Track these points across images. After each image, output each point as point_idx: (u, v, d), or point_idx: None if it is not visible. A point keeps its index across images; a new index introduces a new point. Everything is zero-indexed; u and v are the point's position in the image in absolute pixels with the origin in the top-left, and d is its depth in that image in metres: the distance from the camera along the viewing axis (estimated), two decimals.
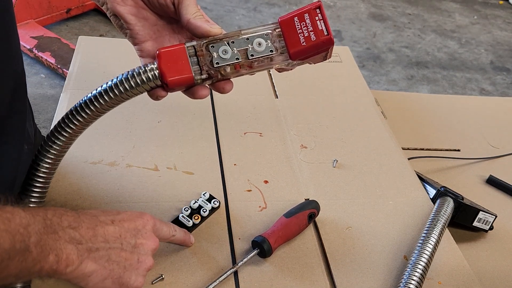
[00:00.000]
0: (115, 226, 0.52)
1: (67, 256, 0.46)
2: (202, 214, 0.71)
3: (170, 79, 0.51)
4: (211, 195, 0.74)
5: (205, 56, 0.52)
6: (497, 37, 2.45)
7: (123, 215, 0.55)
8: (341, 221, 0.76)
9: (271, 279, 0.65)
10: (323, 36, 0.50)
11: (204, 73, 0.52)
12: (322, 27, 0.50)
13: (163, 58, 0.51)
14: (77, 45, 1.08)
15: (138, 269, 0.54)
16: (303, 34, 0.51)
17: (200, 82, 0.52)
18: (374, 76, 1.95)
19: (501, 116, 1.25)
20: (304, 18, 0.51)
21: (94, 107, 0.53)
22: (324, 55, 0.54)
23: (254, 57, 0.52)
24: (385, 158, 0.90)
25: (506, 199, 1.00)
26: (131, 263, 0.53)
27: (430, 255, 0.69)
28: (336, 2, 2.59)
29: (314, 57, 0.53)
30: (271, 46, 0.52)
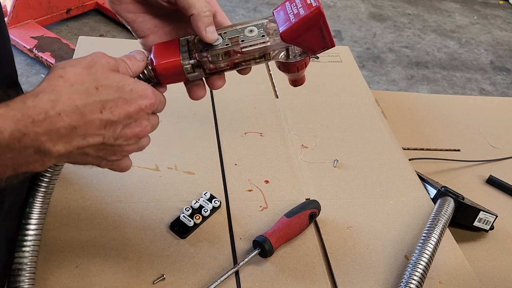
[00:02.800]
0: (101, 120, 0.46)
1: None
2: (203, 214, 0.71)
3: (158, 64, 0.51)
4: (212, 195, 0.74)
5: (196, 45, 0.52)
6: (497, 37, 2.45)
7: (117, 97, 0.47)
8: (342, 220, 0.76)
9: (272, 278, 0.65)
10: (311, 7, 0.48)
11: (193, 60, 0.51)
12: (311, 1, 0.48)
13: (156, 50, 0.52)
14: (77, 45, 1.08)
15: (115, 156, 0.50)
16: (293, 12, 0.49)
17: (191, 70, 0.51)
18: (374, 76, 1.95)
19: (501, 116, 1.25)
20: (295, 0, 0.50)
21: None
22: (320, 36, 0.50)
23: (244, 42, 0.51)
24: (385, 158, 0.90)
25: (506, 199, 1.00)
26: (106, 152, 0.49)
27: (431, 254, 0.69)
28: (336, 2, 2.59)
29: (308, 38, 0.50)
30: (263, 32, 0.51)
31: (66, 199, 0.71)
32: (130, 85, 0.48)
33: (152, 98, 0.49)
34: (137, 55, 0.52)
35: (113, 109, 0.46)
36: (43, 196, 0.59)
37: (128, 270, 0.63)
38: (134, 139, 0.50)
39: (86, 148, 0.46)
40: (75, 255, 0.64)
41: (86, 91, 0.45)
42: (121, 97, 0.47)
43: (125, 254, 0.65)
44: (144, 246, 0.67)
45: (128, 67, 0.51)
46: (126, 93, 0.47)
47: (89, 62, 0.48)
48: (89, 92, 0.45)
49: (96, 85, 0.46)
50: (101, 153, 0.49)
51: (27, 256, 0.58)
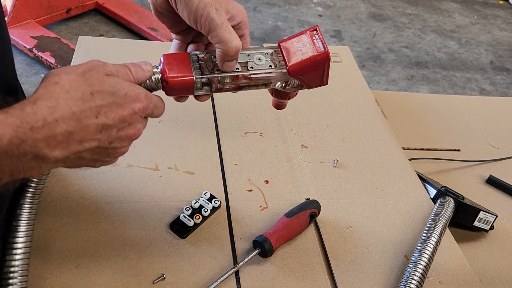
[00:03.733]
0: (98, 124, 0.48)
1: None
2: (203, 214, 0.71)
3: (171, 77, 0.52)
4: (212, 195, 0.74)
5: (207, 63, 0.53)
6: (497, 37, 2.45)
7: (111, 102, 0.48)
8: (342, 220, 0.76)
9: (272, 278, 0.65)
10: (320, 51, 0.53)
11: (204, 78, 0.53)
12: (319, 44, 0.54)
13: (167, 60, 0.53)
14: (77, 45, 1.08)
15: (108, 157, 0.51)
16: (301, 50, 0.54)
17: (200, 87, 0.53)
18: (374, 76, 1.95)
19: (501, 116, 1.25)
20: (302, 38, 0.54)
21: None
22: (321, 75, 0.56)
23: (253, 69, 0.54)
24: (385, 157, 0.90)
25: (506, 199, 1.00)
26: (101, 154, 0.50)
27: (431, 254, 0.69)
28: (336, 2, 2.59)
29: (311, 75, 0.56)
30: (270, 62, 0.55)
31: (66, 199, 0.71)
32: (124, 89, 0.49)
33: (145, 101, 0.50)
34: (144, 65, 0.53)
35: (108, 113, 0.47)
36: (32, 196, 0.59)
37: (128, 270, 0.63)
38: (128, 141, 0.52)
39: (82, 153, 0.47)
40: (75, 254, 0.64)
41: (81, 97, 0.46)
42: (115, 102, 0.48)
43: (125, 254, 0.65)
44: (144, 246, 0.67)
45: (131, 73, 0.52)
46: (120, 97, 0.48)
47: (84, 69, 0.49)
48: (84, 98, 0.46)
49: (91, 91, 0.47)
50: (96, 156, 0.50)
51: (18, 259, 0.58)
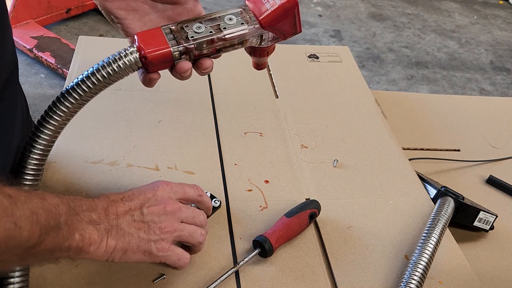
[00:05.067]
0: (124, 202, 0.55)
1: (89, 236, 0.49)
2: None
3: (149, 52, 0.52)
4: (212, 195, 0.74)
5: (180, 33, 0.54)
6: (497, 37, 2.45)
7: (133, 190, 0.58)
8: (342, 220, 0.76)
9: (272, 278, 0.65)
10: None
11: (181, 47, 0.53)
12: None
13: (140, 37, 0.53)
14: (77, 45, 1.08)
15: (156, 234, 0.56)
16: (269, 2, 0.55)
17: (178, 56, 0.53)
18: (374, 76, 1.95)
19: (501, 116, 1.25)
20: None
21: (78, 95, 0.53)
22: (293, 22, 0.56)
23: (227, 30, 0.55)
24: (385, 157, 0.90)
25: (506, 199, 1.00)
26: (144, 230, 0.55)
27: (431, 254, 0.69)
28: (336, 2, 2.59)
29: (283, 24, 0.56)
30: (242, 20, 0.56)
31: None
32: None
33: None
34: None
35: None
36: None
37: (128, 270, 0.63)
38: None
39: None
40: None
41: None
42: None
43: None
44: None
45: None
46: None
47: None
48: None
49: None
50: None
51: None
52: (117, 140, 0.83)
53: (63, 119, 0.54)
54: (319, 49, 1.20)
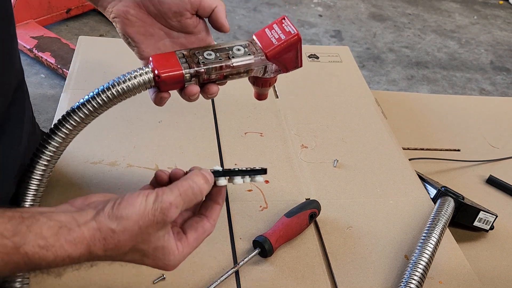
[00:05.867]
0: (106, 252, 0.50)
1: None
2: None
3: (162, 72, 0.56)
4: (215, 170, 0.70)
5: (192, 58, 0.58)
6: (497, 37, 2.45)
7: (125, 235, 0.49)
8: (342, 220, 0.76)
9: (272, 278, 0.65)
10: (291, 34, 0.59)
11: (192, 70, 0.57)
12: (289, 29, 0.60)
13: (155, 59, 0.57)
14: (77, 45, 1.08)
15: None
16: (274, 37, 0.60)
17: (189, 78, 0.57)
18: (374, 76, 1.95)
19: (501, 116, 1.25)
20: (273, 27, 0.61)
21: (92, 108, 0.57)
22: (295, 57, 0.62)
23: (235, 58, 0.59)
24: (385, 157, 0.90)
25: (506, 199, 1.00)
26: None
27: (431, 254, 0.69)
28: (336, 2, 2.59)
29: (287, 58, 0.61)
30: (249, 51, 0.60)
31: (67, 199, 0.71)
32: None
33: None
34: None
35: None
36: (33, 199, 0.59)
37: (128, 270, 0.63)
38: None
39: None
40: None
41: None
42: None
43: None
44: None
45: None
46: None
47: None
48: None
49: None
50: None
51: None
52: (117, 141, 0.83)
53: (75, 131, 0.57)
54: (319, 49, 1.20)
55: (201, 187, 0.51)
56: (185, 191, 0.50)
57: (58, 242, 0.44)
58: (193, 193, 0.50)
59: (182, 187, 0.50)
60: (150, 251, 0.50)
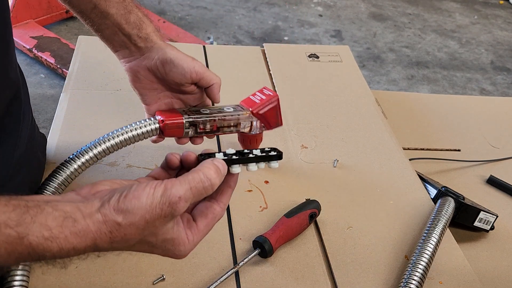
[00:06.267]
0: (112, 244, 0.49)
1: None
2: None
3: (166, 119, 0.68)
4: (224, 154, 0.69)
5: (191, 113, 0.70)
6: (498, 37, 2.45)
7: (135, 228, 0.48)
8: (342, 221, 0.76)
9: (272, 279, 0.65)
10: (271, 95, 0.76)
11: (190, 118, 0.69)
12: (269, 93, 0.76)
13: (161, 113, 0.69)
14: (77, 44, 1.08)
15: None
16: (257, 99, 0.76)
17: (188, 126, 0.69)
18: (374, 76, 1.95)
19: (502, 116, 1.25)
20: (256, 93, 0.76)
21: (104, 149, 0.66)
22: (276, 115, 0.77)
23: (225, 112, 0.72)
24: (385, 158, 0.90)
25: (506, 199, 0.99)
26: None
27: (431, 255, 0.68)
28: (336, 2, 2.59)
29: (269, 114, 0.75)
30: (237, 109, 0.74)
31: None
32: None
33: None
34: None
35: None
36: None
37: (128, 271, 0.63)
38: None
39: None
40: None
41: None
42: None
43: (125, 255, 0.65)
44: None
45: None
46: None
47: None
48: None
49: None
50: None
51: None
52: None
53: (81, 170, 0.65)
54: (319, 49, 1.20)
55: (213, 181, 0.49)
56: (195, 185, 0.48)
57: (62, 234, 0.43)
58: (204, 187, 0.49)
59: (193, 181, 0.48)
60: (159, 243, 0.49)
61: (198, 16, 2.26)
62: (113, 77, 0.98)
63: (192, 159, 0.54)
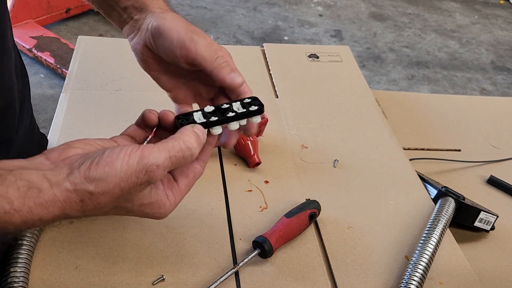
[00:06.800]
0: (84, 212, 0.46)
1: None
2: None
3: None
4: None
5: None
6: (498, 37, 2.45)
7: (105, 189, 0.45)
8: (342, 221, 0.76)
9: (272, 279, 0.65)
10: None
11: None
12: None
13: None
14: (77, 44, 1.08)
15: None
16: None
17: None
18: (374, 76, 1.95)
19: (502, 116, 1.25)
20: None
21: None
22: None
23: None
24: (386, 158, 0.90)
25: (507, 199, 0.99)
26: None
27: (431, 255, 0.68)
28: (337, 2, 2.59)
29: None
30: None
31: None
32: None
33: None
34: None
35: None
36: None
37: (128, 271, 0.63)
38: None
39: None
40: (74, 256, 0.64)
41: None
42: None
43: (125, 255, 0.65)
44: (143, 247, 0.67)
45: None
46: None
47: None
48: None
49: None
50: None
51: (20, 261, 0.58)
52: None
53: None
54: (319, 49, 1.19)
55: (193, 151, 0.47)
56: (175, 154, 0.45)
57: (26, 206, 0.40)
58: (184, 157, 0.46)
59: (173, 150, 0.45)
60: (136, 208, 0.47)
61: (198, 16, 2.26)
62: (113, 77, 0.98)
63: (170, 119, 0.52)
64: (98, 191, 0.42)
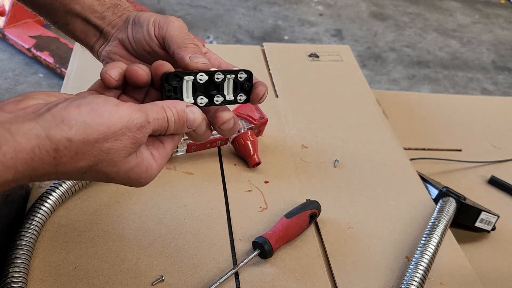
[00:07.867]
0: (57, 167, 0.38)
1: None
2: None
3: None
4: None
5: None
6: (499, 36, 2.44)
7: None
8: (342, 221, 0.75)
9: (272, 280, 0.65)
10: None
11: None
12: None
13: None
14: (76, 44, 1.07)
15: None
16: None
17: None
18: (375, 76, 1.95)
19: (503, 116, 1.25)
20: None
21: None
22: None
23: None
24: (386, 158, 0.89)
25: (508, 199, 0.99)
26: None
27: (432, 255, 0.68)
28: (337, 1, 2.58)
29: None
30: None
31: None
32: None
33: None
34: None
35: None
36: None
37: (127, 272, 0.63)
38: None
39: None
40: (73, 256, 0.64)
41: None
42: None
43: (124, 256, 0.65)
44: (143, 247, 0.66)
45: None
46: None
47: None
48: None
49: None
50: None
51: (18, 261, 0.58)
52: None
53: None
54: (319, 48, 1.19)
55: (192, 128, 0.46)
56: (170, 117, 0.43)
57: None
58: (182, 127, 0.45)
59: (168, 110, 0.43)
60: (122, 175, 0.41)
61: (198, 15, 2.26)
62: None
63: (147, 78, 0.48)
64: (78, 138, 0.35)
